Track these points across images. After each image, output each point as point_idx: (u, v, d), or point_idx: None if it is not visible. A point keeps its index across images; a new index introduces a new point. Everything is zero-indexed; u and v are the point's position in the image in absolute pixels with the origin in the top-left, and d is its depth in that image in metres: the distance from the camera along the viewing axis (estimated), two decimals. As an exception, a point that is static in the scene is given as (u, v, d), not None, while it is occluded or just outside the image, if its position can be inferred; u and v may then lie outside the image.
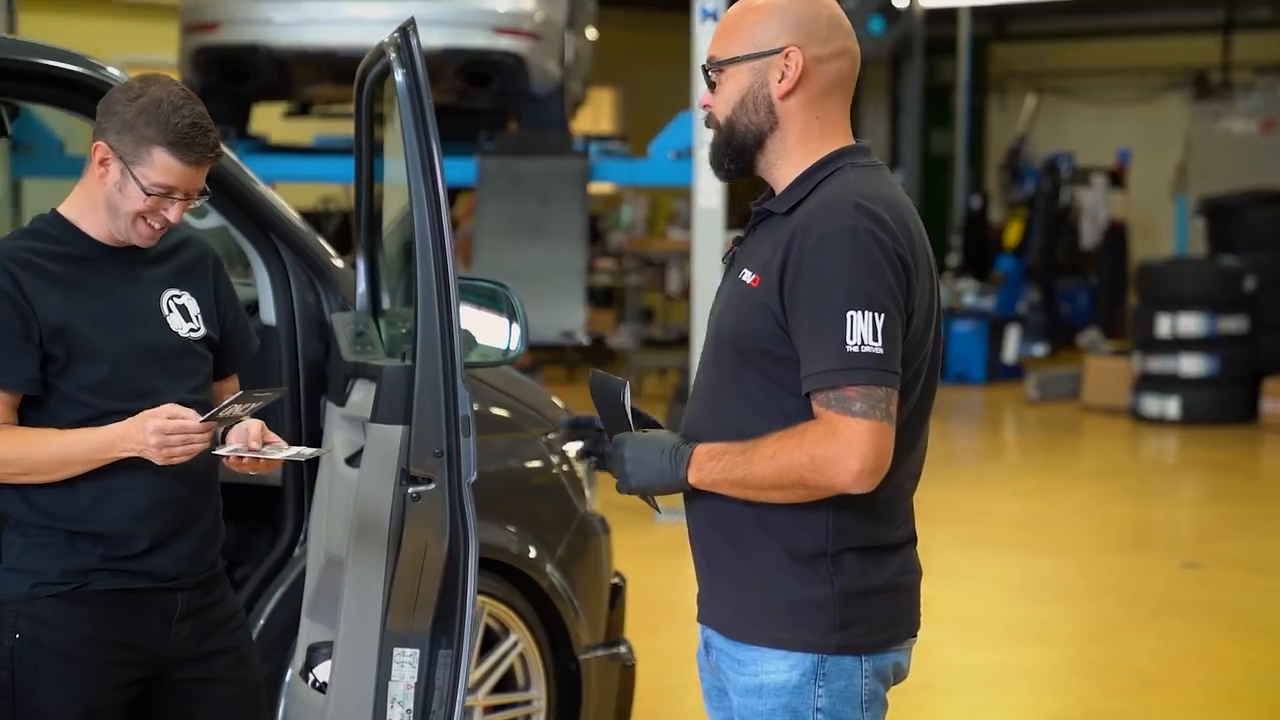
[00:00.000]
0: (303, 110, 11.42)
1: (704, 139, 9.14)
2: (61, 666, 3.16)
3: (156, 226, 3.21)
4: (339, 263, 4.40)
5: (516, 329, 4.13)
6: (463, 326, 4.06)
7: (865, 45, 9.99)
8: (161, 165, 3.14)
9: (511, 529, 4.60)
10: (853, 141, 2.92)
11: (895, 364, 2.73)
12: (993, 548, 8.89)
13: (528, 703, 4.64)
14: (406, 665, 3.63)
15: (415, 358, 3.54)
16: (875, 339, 2.69)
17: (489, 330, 4.17)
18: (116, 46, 12.54)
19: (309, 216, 13.90)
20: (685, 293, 13.77)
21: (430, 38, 9.38)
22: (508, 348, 4.15)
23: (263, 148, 10.31)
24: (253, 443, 3.21)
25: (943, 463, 12.05)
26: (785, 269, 2.76)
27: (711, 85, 2.93)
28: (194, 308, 3.35)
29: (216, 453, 3.17)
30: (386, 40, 3.57)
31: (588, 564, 4.90)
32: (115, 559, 3.19)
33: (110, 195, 3.18)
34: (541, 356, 15.63)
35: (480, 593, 4.50)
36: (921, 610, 2.98)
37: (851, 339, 2.68)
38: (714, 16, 9.09)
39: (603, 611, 4.95)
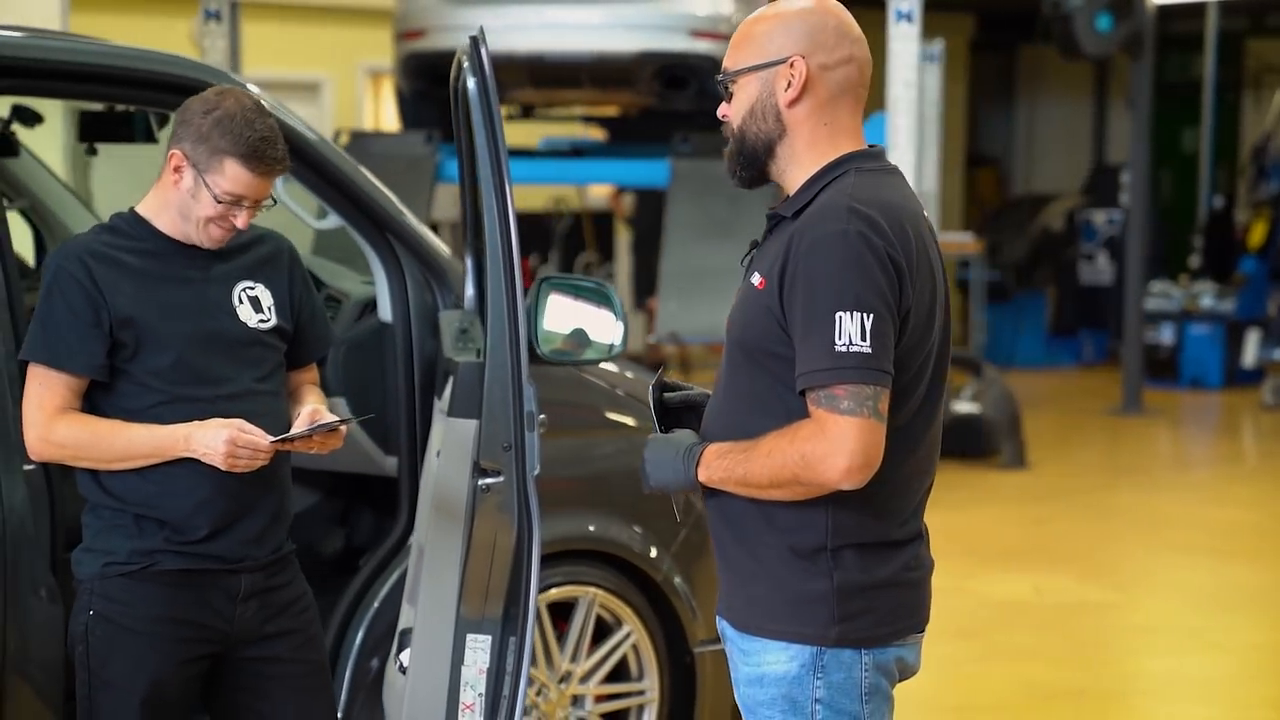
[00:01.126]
0: (524, 114, 11.69)
1: (895, 140, 9.15)
2: (131, 641, 3.37)
3: (225, 230, 3.41)
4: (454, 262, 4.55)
5: (620, 326, 4.25)
6: (577, 325, 4.21)
7: (1091, 43, 9.83)
8: (233, 175, 3.34)
9: (626, 524, 4.71)
10: (863, 146, 2.98)
11: (885, 363, 2.78)
12: (1187, 554, 8.71)
13: (640, 693, 4.75)
14: (479, 651, 3.78)
15: (485, 355, 3.69)
16: (863, 339, 2.75)
17: (601, 328, 4.29)
18: (347, 53, 12.91)
19: (539, 218, 14.26)
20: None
21: (628, 41, 9.63)
22: (612, 344, 4.26)
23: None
24: (301, 424, 3.40)
25: (1158, 468, 11.83)
26: (784, 272, 2.84)
27: (728, 96, 3.01)
28: (267, 299, 3.52)
29: (272, 441, 3.36)
30: (461, 51, 3.72)
31: (706, 560, 4.99)
32: (179, 542, 3.39)
33: (183, 200, 3.39)
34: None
35: (592, 585, 4.66)
36: (930, 606, 3.03)
37: (840, 339, 2.75)
38: (908, 18, 9.10)
39: (724, 605, 5.03)
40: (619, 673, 4.76)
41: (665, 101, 9.89)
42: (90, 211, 5.53)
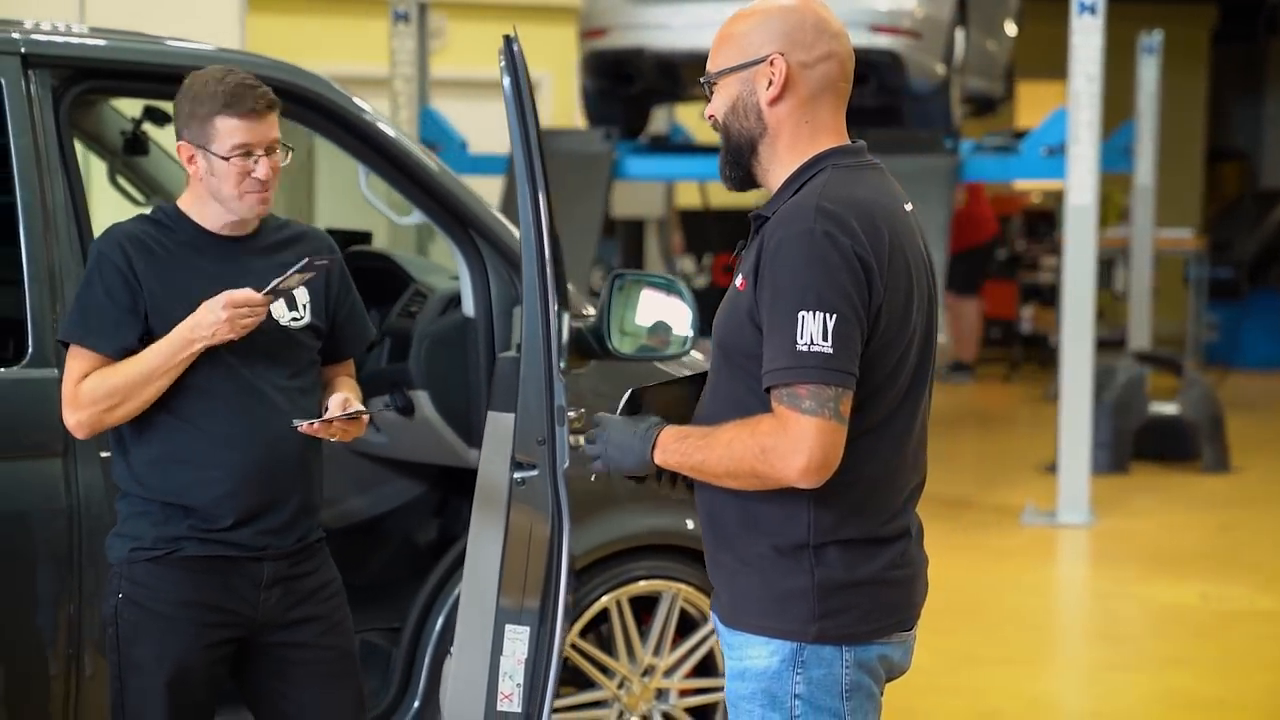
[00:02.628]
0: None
1: (1076, 135, 8.96)
2: (156, 624, 3.49)
3: (258, 192, 3.49)
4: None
5: (691, 318, 4.26)
6: (658, 318, 4.24)
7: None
8: (225, 129, 3.43)
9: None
10: (845, 142, 2.97)
11: (847, 364, 2.77)
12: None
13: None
14: (518, 641, 3.83)
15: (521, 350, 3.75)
16: (825, 339, 2.75)
17: (680, 321, 4.30)
18: (568, 50, 12.96)
19: (724, 215, 14.22)
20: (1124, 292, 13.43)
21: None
22: (686, 338, 4.28)
23: (652, 147, 10.66)
24: (335, 411, 3.51)
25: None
26: (757, 272, 2.85)
27: (711, 98, 3.03)
28: (302, 296, 3.61)
29: (295, 424, 3.46)
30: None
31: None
32: (204, 529, 3.50)
33: (208, 184, 3.49)
34: (984, 354, 15.50)
35: (675, 580, 4.69)
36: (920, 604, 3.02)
37: (802, 338, 2.75)
38: (1091, 10, 8.89)
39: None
40: (707, 668, 4.77)
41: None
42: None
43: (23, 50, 3.95)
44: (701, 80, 3.05)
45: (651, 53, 9.64)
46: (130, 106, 5.37)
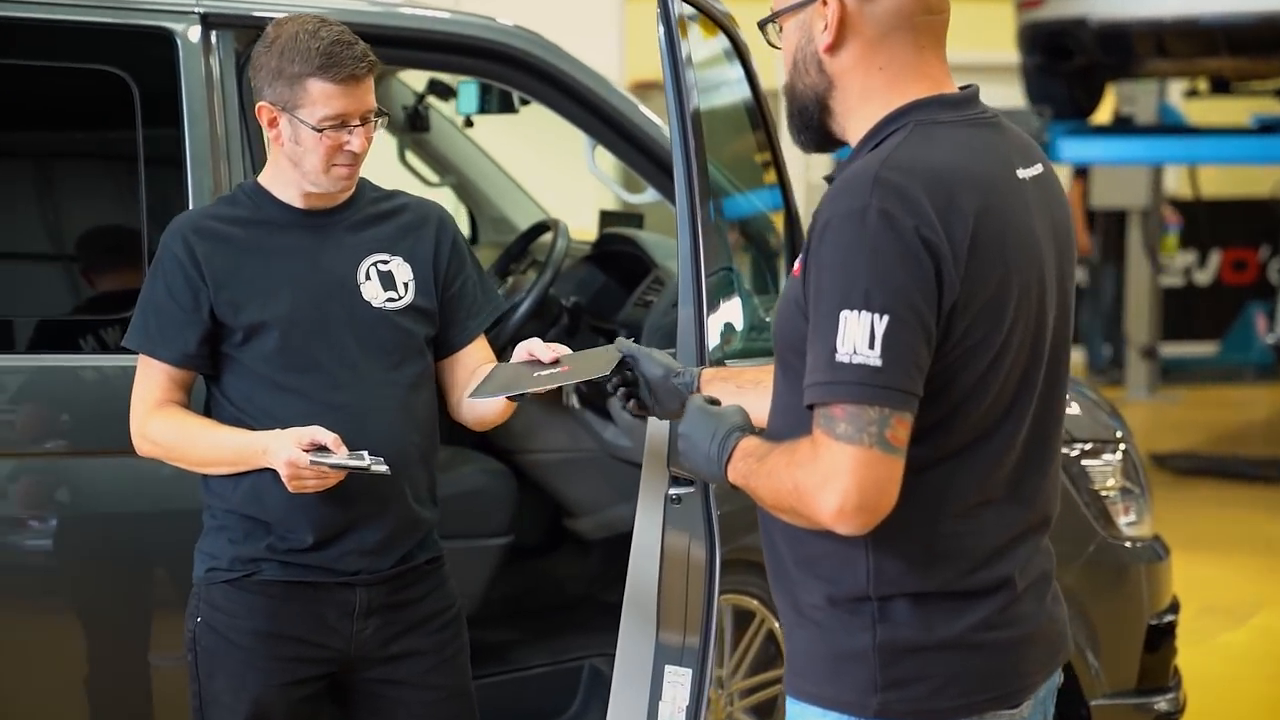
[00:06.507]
0: (1220, 88, 10.65)
1: None
2: (233, 656, 3.07)
3: (346, 163, 3.03)
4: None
5: (746, 312, 3.73)
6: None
7: None
8: (320, 94, 2.96)
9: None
10: (941, 90, 2.33)
11: (899, 378, 2.13)
12: None
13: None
14: (679, 686, 3.29)
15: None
16: (870, 346, 2.13)
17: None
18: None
19: (1269, 204, 12.96)
20: None
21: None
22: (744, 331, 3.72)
23: (1108, 128, 9.72)
24: None
25: None
26: (806, 258, 2.25)
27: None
28: (404, 274, 3.14)
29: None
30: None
31: (1109, 597, 4.26)
32: (283, 550, 3.07)
33: (290, 152, 3.03)
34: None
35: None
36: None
37: (843, 346, 2.14)
38: None
39: (1134, 654, 4.28)
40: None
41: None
42: (519, 187, 5.39)
43: (200, 10, 3.66)
44: (761, 27, 2.47)
45: (1096, 22, 8.74)
46: (417, 79, 5.10)
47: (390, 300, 3.12)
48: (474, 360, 3.24)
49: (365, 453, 2.93)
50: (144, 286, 3.13)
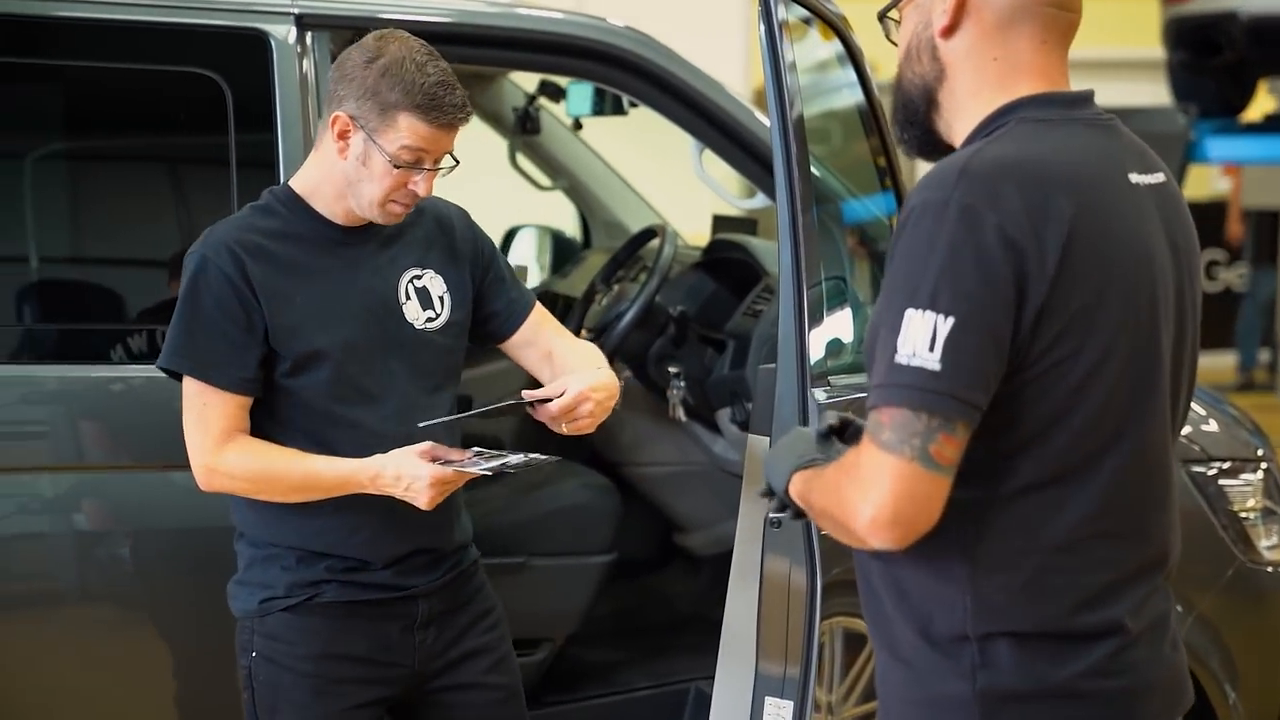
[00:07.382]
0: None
1: None
2: (297, 685, 2.94)
3: (404, 202, 2.88)
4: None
5: (854, 327, 3.52)
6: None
7: None
8: (409, 130, 2.81)
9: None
10: (1055, 88, 2.15)
11: (958, 386, 1.97)
12: None
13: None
14: (779, 719, 3.14)
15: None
16: (931, 349, 1.97)
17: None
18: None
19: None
20: None
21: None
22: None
23: (1237, 128, 9.34)
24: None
25: None
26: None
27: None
28: (438, 288, 2.99)
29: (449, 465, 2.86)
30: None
31: (1248, 626, 4.02)
32: (343, 570, 2.95)
33: (353, 171, 2.86)
34: None
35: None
36: None
37: (904, 347, 1.99)
38: None
39: (1276, 686, 4.05)
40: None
41: None
42: (632, 190, 5.24)
43: (295, 11, 3.55)
44: (881, 16, 2.31)
45: (1246, 15, 8.39)
46: (527, 80, 4.97)
47: (430, 320, 2.98)
48: (538, 335, 3.13)
49: (505, 450, 2.90)
50: (180, 306, 2.89)
